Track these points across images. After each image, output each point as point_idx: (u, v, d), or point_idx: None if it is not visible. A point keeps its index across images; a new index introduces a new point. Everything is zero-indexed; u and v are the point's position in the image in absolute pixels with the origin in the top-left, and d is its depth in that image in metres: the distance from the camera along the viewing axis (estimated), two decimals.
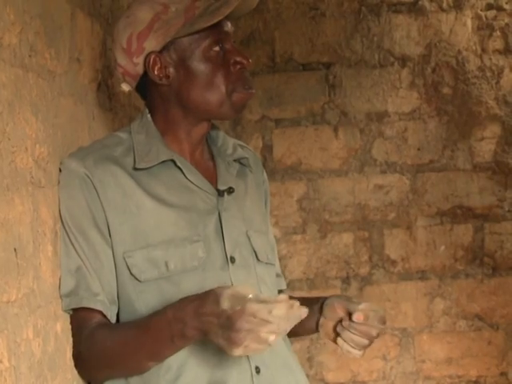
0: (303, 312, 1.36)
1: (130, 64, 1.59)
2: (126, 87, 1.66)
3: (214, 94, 1.57)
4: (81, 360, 1.51)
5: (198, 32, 1.55)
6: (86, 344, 1.48)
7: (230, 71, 1.57)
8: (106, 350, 1.47)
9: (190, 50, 1.56)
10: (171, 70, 1.57)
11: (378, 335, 1.59)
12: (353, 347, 1.59)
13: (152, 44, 1.56)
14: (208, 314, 1.36)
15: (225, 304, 1.34)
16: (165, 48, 1.57)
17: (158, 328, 1.42)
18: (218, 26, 1.55)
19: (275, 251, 1.81)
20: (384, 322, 1.59)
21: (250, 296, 1.33)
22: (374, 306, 1.61)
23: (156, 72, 1.57)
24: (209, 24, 1.53)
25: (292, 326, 1.35)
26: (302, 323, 1.43)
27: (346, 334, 1.58)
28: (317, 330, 1.67)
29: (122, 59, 1.60)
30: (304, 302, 1.76)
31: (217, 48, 1.56)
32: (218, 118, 1.64)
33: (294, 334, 1.59)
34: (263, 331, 1.32)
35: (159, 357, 1.45)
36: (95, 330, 1.48)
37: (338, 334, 1.60)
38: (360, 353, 1.60)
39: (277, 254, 1.83)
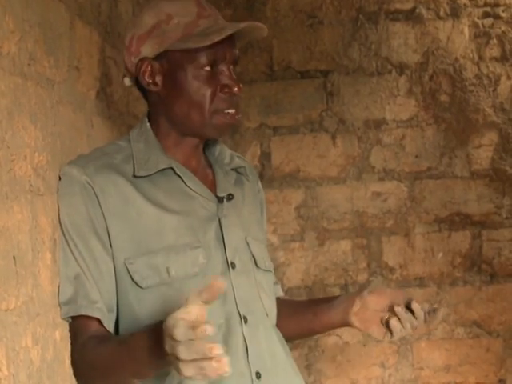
0: None
1: (129, 62, 1.62)
2: (127, 82, 1.67)
3: (196, 112, 1.56)
4: (75, 368, 1.51)
5: (194, 48, 1.55)
6: (80, 353, 1.48)
7: (216, 93, 1.56)
8: (94, 362, 1.46)
9: (182, 63, 1.56)
10: (160, 78, 1.59)
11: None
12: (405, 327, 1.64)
13: (147, 50, 1.58)
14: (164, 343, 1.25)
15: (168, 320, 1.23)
16: (159, 56, 1.58)
17: (136, 349, 1.36)
18: (216, 46, 1.54)
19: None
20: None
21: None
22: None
23: (146, 78, 1.59)
24: (198, 45, 1.53)
25: (194, 356, 1.17)
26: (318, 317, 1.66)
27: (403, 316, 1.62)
28: (343, 320, 1.71)
29: (124, 54, 1.63)
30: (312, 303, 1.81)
31: (208, 68, 1.55)
32: (200, 137, 1.62)
33: (310, 331, 1.77)
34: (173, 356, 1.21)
35: (141, 376, 1.41)
36: (88, 339, 1.48)
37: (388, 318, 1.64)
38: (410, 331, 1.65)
39: (271, 262, 1.84)
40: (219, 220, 1.58)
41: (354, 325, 1.70)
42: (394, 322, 1.63)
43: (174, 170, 1.58)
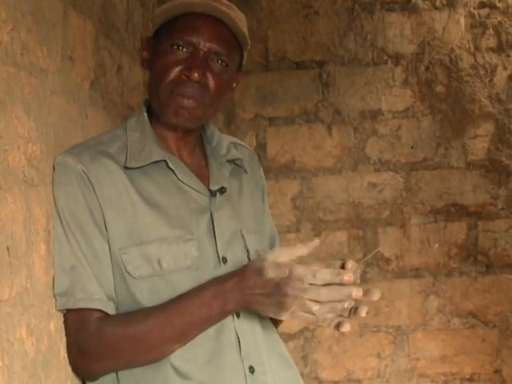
0: (352, 287, 1.36)
1: None
2: None
3: (156, 89, 1.55)
4: (88, 356, 1.47)
5: (173, 26, 1.54)
6: (97, 338, 1.45)
7: (175, 73, 1.52)
8: (124, 340, 1.45)
9: (161, 39, 1.56)
10: (148, 55, 1.60)
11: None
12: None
13: (152, 29, 1.61)
14: (252, 286, 1.39)
15: (269, 273, 1.37)
16: (155, 34, 1.59)
17: (193, 309, 1.43)
18: (195, 29, 1.53)
19: (276, 244, 1.80)
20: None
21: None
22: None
23: (143, 55, 1.61)
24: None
25: (335, 298, 1.35)
26: None
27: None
28: None
29: None
30: None
31: (175, 47, 1.53)
32: (162, 120, 1.59)
33: None
34: (305, 297, 1.34)
35: (189, 337, 1.46)
36: (104, 322, 1.46)
37: None
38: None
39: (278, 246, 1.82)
40: (211, 213, 1.57)
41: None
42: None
43: (166, 162, 1.56)
